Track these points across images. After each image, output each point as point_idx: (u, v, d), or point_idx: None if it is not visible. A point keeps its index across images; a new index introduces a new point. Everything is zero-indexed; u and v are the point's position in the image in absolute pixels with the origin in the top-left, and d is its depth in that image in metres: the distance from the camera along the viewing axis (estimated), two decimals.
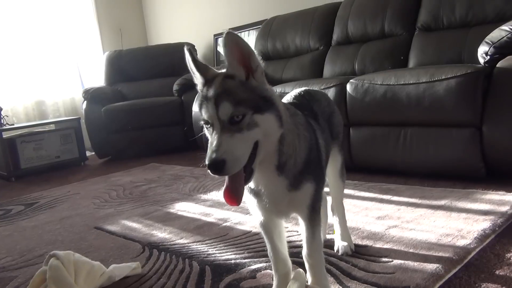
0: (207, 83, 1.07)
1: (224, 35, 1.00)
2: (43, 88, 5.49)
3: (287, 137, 1.12)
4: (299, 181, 1.16)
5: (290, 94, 1.49)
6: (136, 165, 4.18)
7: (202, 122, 1.06)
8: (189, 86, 4.74)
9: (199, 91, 1.12)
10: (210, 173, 0.99)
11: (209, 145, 1.01)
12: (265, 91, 1.06)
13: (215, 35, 5.30)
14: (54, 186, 3.66)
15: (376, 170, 2.73)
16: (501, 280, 1.30)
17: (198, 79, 1.11)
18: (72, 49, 5.75)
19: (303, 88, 1.51)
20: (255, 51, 1.05)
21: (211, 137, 1.02)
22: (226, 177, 1.05)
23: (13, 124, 4.78)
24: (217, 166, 0.97)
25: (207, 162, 0.98)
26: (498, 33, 2.30)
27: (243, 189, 1.06)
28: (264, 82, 1.07)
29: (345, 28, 3.64)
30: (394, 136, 2.56)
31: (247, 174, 1.05)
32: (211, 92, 1.03)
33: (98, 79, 5.60)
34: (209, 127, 1.04)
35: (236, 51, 1.02)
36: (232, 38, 1.00)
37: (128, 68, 5.36)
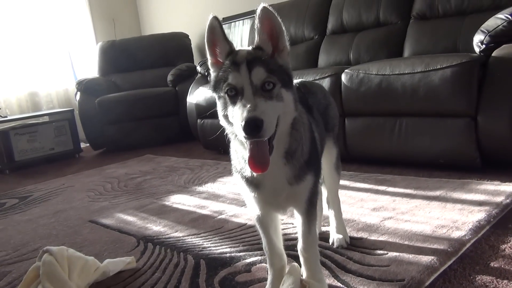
0: (233, 52, 1.06)
1: (259, 9, 1.00)
2: (36, 79, 5.44)
3: (298, 124, 1.12)
4: (303, 172, 1.15)
5: None
6: (131, 156, 4.16)
7: (223, 92, 1.03)
8: (184, 76, 4.72)
9: (211, 67, 1.10)
10: (245, 135, 0.95)
11: (237, 108, 0.98)
12: (290, 70, 1.08)
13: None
14: (49, 179, 3.63)
15: (372, 160, 2.73)
16: (496, 272, 1.30)
17: (223, 48, 1.08)
18: (64, 39, 5.68)
19: (298, 80, 1.50)
20: (285, 32, 1.05)
21: (239, 101, 0.99)
22: (250, 144, 1.01)
23: (6, 116, 4.73)
24: (257, 125, 0.93)
25: (243, 122, 0.93)
26: (494, 22, 2.28)
27: (269, 157, 1.02)
28: (288, 62, 1.08)
29: (339, 17, 3.61)
30: (389, 127, 2.55)
31: (270, 147, 1.03)
32: (241, 58, 1.02)
33: (91, 70, 5.54)
34: (233, 94, 1.01)
35: (268, 27, 1.03)
36: (267, 13, 1.00)
37: (122, 58, 5.31)
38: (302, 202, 1.20)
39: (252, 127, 0.93)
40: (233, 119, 1.02)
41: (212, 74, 1.12)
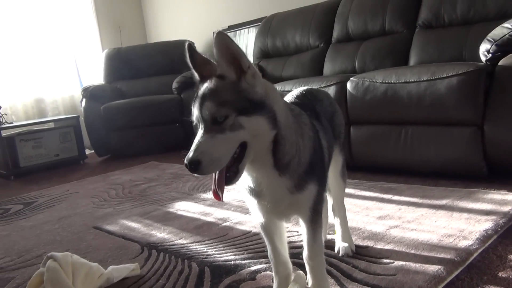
0: (202, 81, 1.08)
1: (214, 36, 1.00)
2: (42, 86, 5.46)
3: (290, 137, 1.10)
4: (304, 182, 1.14)
5: (292, 93, 1.46)
6: (135, 163, 4.17)
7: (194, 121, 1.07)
8: (189, 84, 4.72)
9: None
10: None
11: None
12: (255, 94, 1.04)
13: (214, 33, 5.27)
14: (53, 185, 3.64)
15: (377, 169, 2.71)
16: (503, 282, 1.28)
17: (194, 76, 1.12)
18: (71, 46, 5.72)
19: (305, 87, 1.49)
20: (246, 53, 1.05)
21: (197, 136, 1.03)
22: (212, 175, 1.06)
23: (12, 123, 4.76)
24: (192, 166, 0.98)
25: (185, 161, 0.99)
26: (500, 31, 2.28)
27: (223, 187, 1.06)
28: (254, 84, 1.04)
29: (345, 25, 3.62)
30: (395, 135, 2.54)
31: (232, 174, 1.05)
32: (200, 91, 1.04)
33: (97, 77, 5.57)
34: (198, 126, 1.05)
35: (225, 52, 1.01)
36: (222, 39, 0.99)
37: (127, 66, 5.33)
38: (305, 210, 1.19)
39: (189, 168, 0.98)
40: None
41: None
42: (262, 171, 1.11)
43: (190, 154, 0.99)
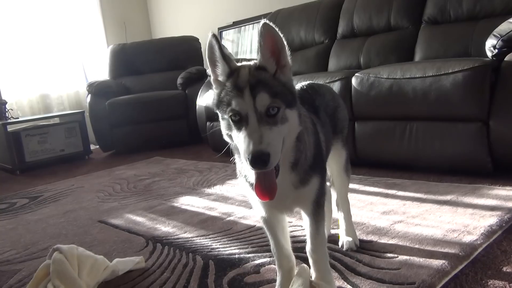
0: (233, 73, 1.03)
1: (261, 25, 0.96)
2: (47, 81, 5.49)
3: (301, 134, 1.10)
4: (309, 176, 1.14)
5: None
6: (140, 158, 4.18)
7: (226, 115, 1.00)
8: (193, 79, 4.74)
9: (213, 83, 1.08)
10: (251, 168, 0.94)
11: (243, 137, 0.96)
12: (293, 87, 1.06)
13: (219, 29, 5.27)
14: (59, 180, 3.66)
15: (381, 164, 2.71)
16: (508, 277, 1.28)
17: (222, 69, 1.05)
18: (76, 42, 5.74)
19: (307, 82, 1.49)
20: (287, 47, 1.02)
21: (244, 130, 0.96)
22: (256, 174, 1.00)
23: (17, 118, 4.78)
24: (264, 159, 0.91)
25: (250, 156, 0.92)
26: (507, 26, 2.26)
27: (276, 185, 1.01)
28: (290, 78, 1.05)
29: (350, 21, 3.61)
30: (400, 131, 2.54)
31: (276, 170, 1.01)
32: (243, 82, 0.98)
33: (102, 72, 5.59)
34: (237, 120, 0.98)
35: (270, 43, 0.99)
36: (269, 29, 0.96)
37: (132, 61, 5.35)
38: (308, 203, 1.19)
39: (259, 162, 0.91)
40: (239, 144, 1.01)
41: (215, 91, 1.08)
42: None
43: (256, 147, 0.91)
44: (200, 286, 1.44)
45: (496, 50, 2.26)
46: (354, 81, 2.70)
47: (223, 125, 1.05)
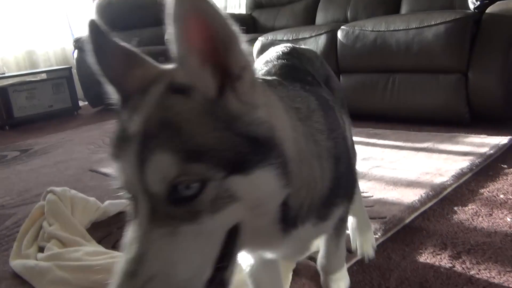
0: (127, 99, 0.59)
1: (174, 2, 0.49)
2: (33, 37, 5.40)
3: (302, 173, 0.64)
4: (327, 209, 0.73)
5: (270, 51, 1.07)
6: None
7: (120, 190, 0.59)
8: None
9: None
10: None
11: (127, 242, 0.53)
12: (257, 123, 0.55)
13: None
14: (49, 133, 3.69)
15: (365, 116, 2.77)
16: (472, 212, 1.39)
17: (109, 90, 0.65)
18: None
19: (287, 44, 1.09)
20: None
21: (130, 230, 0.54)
22: None
23: (4, 73, 4.74)
24: None
25: None
26: None
27: None
28: (254, 102, 0.56)
29: None
30: (383, 83, 2.60)
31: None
32: (131, 125, 0.54)
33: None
34: (131, 199, 0.57)
35: (198, 32, 0.51)
36: (195, 5, 0.49)
37: (119, 17, 5.25)
38: (329, 230, 0.86)
39: None
40: None
41: None
42: (264, 232, 0.65)
43: (121, 281, 0.49)
44: None
45: (478, 2, 2.30)
46: (339, 34, 2.73)
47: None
